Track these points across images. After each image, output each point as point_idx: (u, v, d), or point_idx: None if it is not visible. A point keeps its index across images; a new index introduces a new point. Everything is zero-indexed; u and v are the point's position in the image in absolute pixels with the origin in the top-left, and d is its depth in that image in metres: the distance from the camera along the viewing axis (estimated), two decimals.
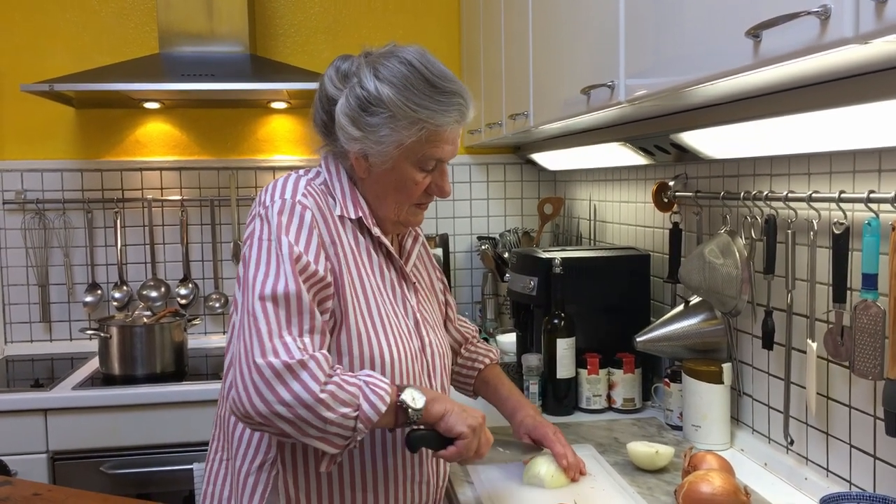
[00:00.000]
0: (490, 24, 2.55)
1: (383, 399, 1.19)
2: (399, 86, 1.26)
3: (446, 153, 1.33)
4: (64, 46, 2.91)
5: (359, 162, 1.32)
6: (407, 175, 1.32)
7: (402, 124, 1.26)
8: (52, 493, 1.54)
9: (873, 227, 1.27)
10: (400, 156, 1.30)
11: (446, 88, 1.28)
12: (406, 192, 1.34)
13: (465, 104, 1.31)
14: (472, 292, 3.21)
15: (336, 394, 1.15)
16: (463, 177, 3.18)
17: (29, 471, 2.30)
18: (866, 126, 1.19)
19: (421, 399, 1.24)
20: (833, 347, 1.38)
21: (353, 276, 1.31)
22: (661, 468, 1.60)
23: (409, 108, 1.26)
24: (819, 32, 0.86)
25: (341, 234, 1.32)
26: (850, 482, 1.42)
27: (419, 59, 1.28)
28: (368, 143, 1.28)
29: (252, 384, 1.14)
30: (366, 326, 1.30)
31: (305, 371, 1.14)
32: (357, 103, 1.28)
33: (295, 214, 1.25)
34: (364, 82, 1.28)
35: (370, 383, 1.20)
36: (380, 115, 1.26)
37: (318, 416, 1.14)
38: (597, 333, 2.09)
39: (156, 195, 2.99)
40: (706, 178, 1.91)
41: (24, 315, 2.95)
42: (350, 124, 1.28)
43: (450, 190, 1.39)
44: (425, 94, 1.26)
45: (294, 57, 3.02)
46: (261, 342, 1.16)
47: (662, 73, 1.28)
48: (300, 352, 1.16)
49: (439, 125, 1.28)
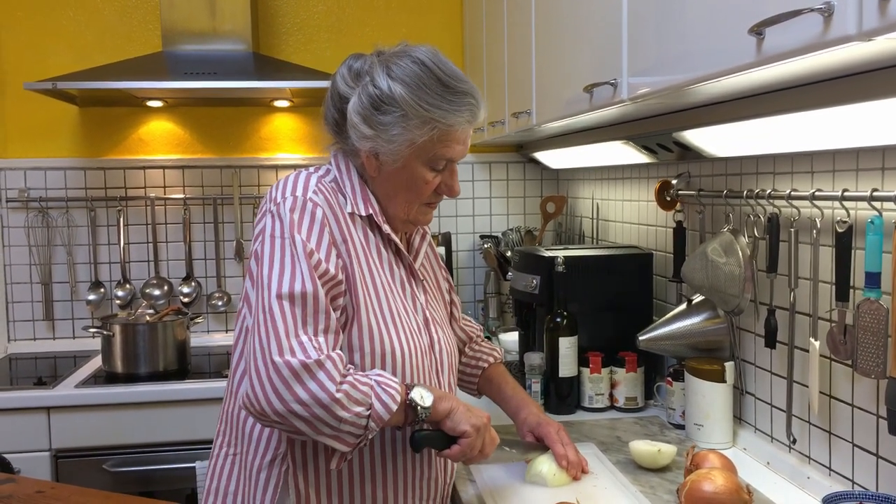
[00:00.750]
0: (493, 22, 2.55)
1: (394, 398, 1.20)
2: (412, 85, 1.26)
3: (457, 153, 1.33)
4: (67, 45, 2.91)
5: (370, 160, 1.33)
6: (417, 174, 1.33)
7: (414, 123, 1.27)
8: (55, 491, 1.54)
9: (876, 225, 1.26)
10: (411, 155, 1.30)
11: (458, 88, 1.29)
12: (416, 192, 1.35)
13: (476, 104, 1.31)
14: (474, 291, 3.21)
15: (350, 393, 1.17)
16: (466, 175, 3.17)
17: (32, 468, 2.30)
18: (869, 124, 1.19)
19: (429, 397, 1.25)
20: (836, 346, 1.37)
21: (365, 272, 1.32)
22: (664, 467, 1.60)
23: (422, 108, 1.26)
24: (822, 30, 0.85)
25: (352, 230, 1.32)
26: (853, 481, 1.42)
27: (432, 59, 1.29)
28: (380, 142, 1.29)
29: (269, 382, 1.15)
30: (377, 323, 1.30)
31: (322, 371, 1.16)
32: (370, 102, 1.28)
33: (307, 212, 1.25)
34: (377, 81, 1.28)
35: (381, 383, 1.21)
36: (392, 113, 1.27)
37: (333, 415, 1.15)
38: (599, 332, 2.09)
39: (159, 193, 2.99)
40: (709, 177, 1.90)
41: (28, 313, 2.95)
42: (362, 122, 1.29)
43: (459, 190, 1.39)
44: (437, 94, 1.27)
45: (297, 55, 3.02)
46: (278, 340, 1.17)
47: (665, 71, 1.28)
48: (316, 351, 1.17)
49: (451, 125, 1.29)
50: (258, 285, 1.23)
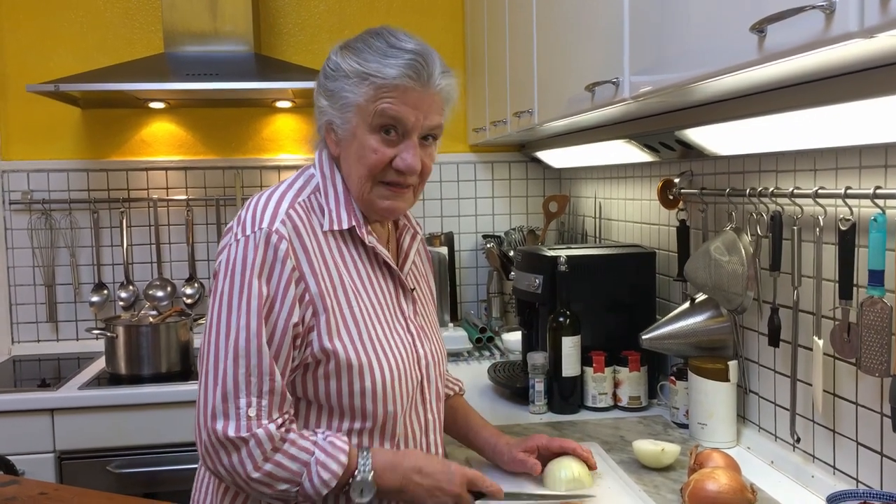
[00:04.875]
0: (494, 21, 2.54)
1: (327, 483, 1.19)
2: (355, 49, 1.28)
3: (404, 114, 1.24)
4: (69, 47, 2.91)
5: (329, 137, 1.33)
6: (365, 142, 1.26)
7: (354, 82, 1.26)
8: (59, 493, 1.54)
9: (880, 223, 1.26)
10: (358, 121, 1.26)
11: (401, 46, 1.25)
12: (365, 163, 1.27)
13: (422, 63, 1.24)
14: (477, 291, 3.21)
15: (274, 473, 1.18)
16: (468, 175, 3.17)
17: (36, 470, 2.31)
18: (872, 121, 1.18)
19: (369, 493, 1.21)
20: (839, 344, 1.37)
21: (341, 299, 1.26)
22: (667, 466, 1.60)
23: (360, 66, 1.25)
24: (824, 27, 0.85)
25: (325, 255, 1.27)
26: (857, 479, 1.42)
27: (383, 27, 1.30)
28: (332, 112, 1.29)
29: (200, 441, 1.21)
30: (356, 353, 1.25)
31: (245, 448, 1.17)
32: (323, 75, 1.32)
33: (270, 247, 1.21)
34: (331, 56, 1.32)
35: (320, 462, 1.19)
36: (338, 79, 1.28)
37: (254, 490, 1.19)
38: (602, 331, 2.09)
39: (161, 195, 3.00)
40: (711, 175, 1.90)
41: (31, 315, 2.96)
42: (319, 96, 1.32)
43: (418, 166, 1.27)
44: (378, 52, 1.26)
45: (298, 56, 3.02)
46: (213, 402, 1.19)
47: (667, 70, 1.28)
48: (246, 425, 1.17)
49: (385, 77, 1.23)
50: (208, 327, 1.23)
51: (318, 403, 1.27)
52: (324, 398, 1.26)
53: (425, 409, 1.39)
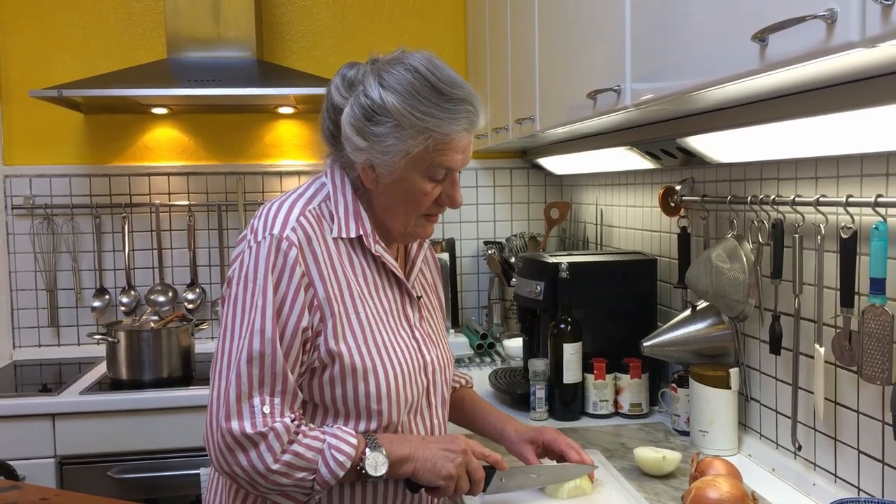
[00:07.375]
0: (496, 28, 2.55)
1: (343, 464, 1.20)
2: (404, 93, 1.23)
3: (456, 162, 1.29)
4: (72, 52, 2.92)
5: (366, 173, 1.30)
6: (415, 185, 1.29)
7: (408, 133, 1.23)
8: (60, 498, 1.54)
9: (881, 231, 1.26)
10: (407, 166, 1.26)
11: (454, 95, 1.25)
12: (414, 204, 1.30)
13: (474, 111, 1.27)
14: (478, 297, 3.21)
15: (293, 462, 1.19)
16: (469, 181, 3.17)
17: (37, 475, 2.30)
18: (873, 130, 1.19)
19: (383, 466, 1.23)
20: (841, 352, 1.37)
21: (348, 305, 1.28)
22: (669, 474, 1.60)
23: (415, 117, 1.22)
24: (825, 36, 0.86)
25: (334, 261, 1.29)
26: (859, 487, 1.41)
27: (426, 66, 1.25)
28: (374, 154, 1.25)
29: (214, 443, 1.20)
30: (361, 358, 1.27)
31: (264, 442, 1.18)
32: (362, 113, 1.25)
33: (280, 254, 1.23)
34: (368, 91, 1.25)
35: (334, 446, 1.21)
36: (385, 124, 1.23)
37: (272, 482, 1.19)
38: (603, 338, 2.09)
39: (163, 200, 3.00)
40: (713, 183, 1.90)
41: (33, 320, 2.96)
42: (355, 134, 1.26)
43: (461, 200, 1.34)
44: (431, 102, 1.23)
45: (301, 62, 3.03)
46: (227, 404, 1.19)
47: (668, 77, 1.28)
48: (262, 421, 1.18)
49: (447, 133, 1.24)
50: (222, 331, 1.25)
51: (325, 406, 1.28)
52: (329, 401, 1.27)
53: (431, 415, 1.40)
